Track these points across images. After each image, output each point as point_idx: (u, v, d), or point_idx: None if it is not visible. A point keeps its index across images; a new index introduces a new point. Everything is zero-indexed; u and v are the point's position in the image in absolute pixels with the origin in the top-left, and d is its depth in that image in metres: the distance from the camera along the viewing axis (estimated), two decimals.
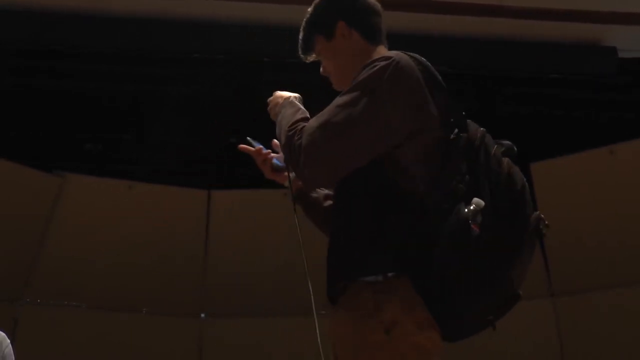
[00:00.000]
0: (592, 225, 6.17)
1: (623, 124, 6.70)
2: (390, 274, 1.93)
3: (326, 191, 2.41)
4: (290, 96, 2.30)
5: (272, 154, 2.45)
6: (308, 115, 2.17)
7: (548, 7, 5.72)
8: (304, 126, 2.05)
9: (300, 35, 2.36)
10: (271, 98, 2.37)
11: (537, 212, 2.02)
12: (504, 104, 6.83)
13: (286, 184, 2.40)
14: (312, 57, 2.37)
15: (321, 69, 2.35)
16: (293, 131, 2.07)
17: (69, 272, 6.15)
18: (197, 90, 6.42)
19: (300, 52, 2.38)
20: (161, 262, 6.22)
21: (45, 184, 6.18)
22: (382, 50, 2.26)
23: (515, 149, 2.12)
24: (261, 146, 2.45)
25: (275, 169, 2.41)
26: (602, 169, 6.16)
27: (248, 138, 2.48)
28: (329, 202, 2.37)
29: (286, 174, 2.40)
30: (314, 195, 2.42)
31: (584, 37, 6.09)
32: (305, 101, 2.41)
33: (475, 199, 1.90)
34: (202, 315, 6.50)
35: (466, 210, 1.88)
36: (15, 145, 6.60)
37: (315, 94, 2.39)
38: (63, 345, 6.00)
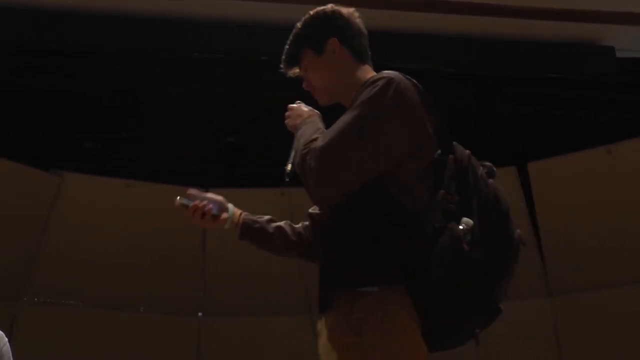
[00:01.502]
0: (590, 224, 6.18)
1: (621, 124, 6.71)
2: (386, 286, 2.02)
3: (267, 217, 2.56)
4: (313, 114, 2.35)
5: (209, 204, 2.50)
6: None
7: (547, 6, 5.72)
8: (316, 147, 2.10)
9: (287, 48, 2.40)
10: (293, 107, 2.40)
11: (518, 231, 2.12)
12: (503, 103, 6.83)
13: (227, 226, 2.51)
14: (294, 71, 2.41)
15: (304, 84, 2.39)
16: (307, 150, 2.13)
17: (68, 271, 6.16)
18: (196, 90, 6.42)
19: (283, 65, 2.42)
20: (159, 261, 6.22)
21: (43, 183, 6.19)
22: (369, 70, 2.34)
23: (495, 169, 2.25)
24: (196, 201, 2.50)
25: (215, 216, 2.49)
26: (600, 168, 6.17)
27: (178, 198, 2.54)
28: (273, 225, 2.54)
29: (224, 216, 2.49)
30: (256, 226, 2.55)
31: (583, 36, 6.09)
32: (305, 100, 2.45)
33: (465, 219, 2.02)
34: (200, 314, 6.51)
35: (459, 228, 2.00)
36: (14, 144, 6.60)
37: (310, 93, 2.39)
38: (62, 344, 6.01)
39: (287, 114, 2.39)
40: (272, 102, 6.53)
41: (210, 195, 2.54)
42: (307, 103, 2.43)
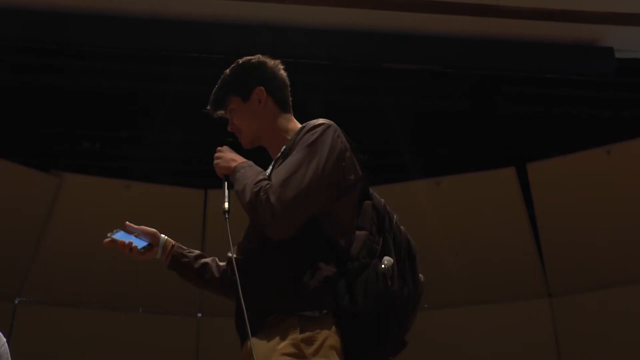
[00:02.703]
0: (589, 225, 6.18)
1: (620, 124, 6.71)
2: (324, 311, 2.22)
3: (197, 252, 2.79)
4: (246, 160, 2.49)
5: (133, 242, 2.71)
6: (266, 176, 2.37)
7: (545, 7, 5.72)
8: (268, 184, 2.27)
9: (214, 92, 2.60)
10: (222, 150, 2.54)
11: (421, 275, 2.39)
12: (502, 103, 6.83)
13: (158, 256, 2.76)
14: (220, 113, 2.60)
15: (230, 126, 2.59)
16: (258, 188, 2.28)
17: (66, 271, 6.16)
18: (196, 90, 6.40)
19: (209, 106, 2.62)
20: (158, 261, 6.21)
21: (42, 183, 6.18)
22: (292, 119, 2.54)
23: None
24: (123, 239, 2.72)
25: (145, 250, 2.72)
26: (599, 169, 6.17)
27: (109, 234, 2.75)
28: (200, 262, 2.77)
29: (155, 249, 2.75)
30: (184, 260, 2.78)
31: (582, 37, 6.09)
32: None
33: (387, 257, 2.27)
34: (199, 314, 6.50)
35: (382, 266, 2.23)
36: (13, 144, 6.59)
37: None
38: (60, 344, 6.00)
39: (216, 155, 2.54)
40: None
41: (142, 227, 2.77)
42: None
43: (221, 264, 2.76)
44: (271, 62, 2.58)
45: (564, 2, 5.71)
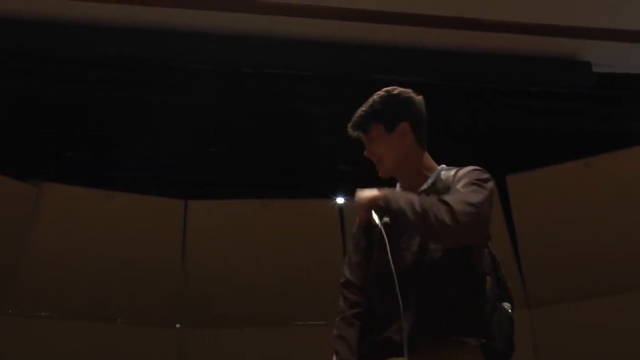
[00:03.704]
0: (568, 237, 6.23)
1: (598, 137, 6.78)
2: (481, 337, 2.40)
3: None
4: (387, 189, 2.58)
5: None
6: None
7: (525, 21, 5.78)
8: (444, 200, 2.38)
9: (359, 114, 2.64)
10: (360, 194, 2.59)
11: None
12: (482, 116, 6.88)
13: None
14: (357, 134, 2.66)
15: (368, 152, 2.66)
16: (430, 203, 2.38)
17: (46, 283, 6.11)
18: (178, 100, 6.41)
19: (351, 126, 2.66)
20: (138, 273, 6.19)
21: (22, 193, 6.14)
22: (429, 158, 2.67)
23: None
24: None
25: None
26: (577, 181, 6.23)
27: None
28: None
29: None
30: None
31: (560, 51, 6.16)
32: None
33: (506, 303, 2.51)
34: (178, 325, 6.48)
35: (509, 310, 2.50)
36: None
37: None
38: (40, 356, 5.95)
39: (357, 200, 2.58)
40: (254, 113, 6.60)
41: None
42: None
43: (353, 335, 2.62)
44: (418, 99, 2.66)
45: (543, 16, 5.77)
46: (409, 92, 2.67)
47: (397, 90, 2.65)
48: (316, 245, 6.36)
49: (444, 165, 2.65)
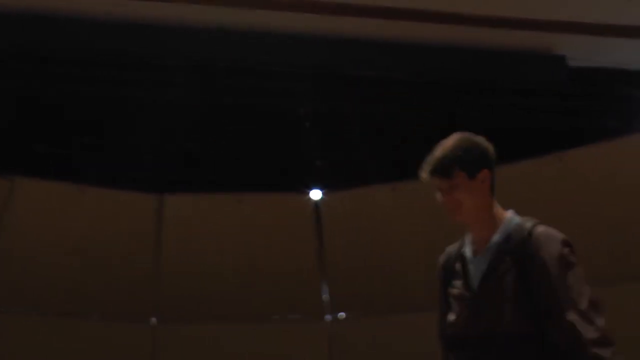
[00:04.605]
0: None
1: (572, 132, 6.81)
2: None
3: None
4: None
5: None
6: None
7: (498, 14, 5.77)
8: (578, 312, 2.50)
9: (440, 160, 2.71)
10: None
11: None
12: (455, 111, 6.89)
13: None
14: (435, 179, 2.70)
15: (447, 198, 2.70)
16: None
17: (18, 278, 6.05)
18: (153, 94, 6.37)
19: (431, 170, 2.70)
20: (113, 267, 6.15)
21: None
22: (497, 205, 2.77)
23: None
24: None
25: None
26: (552, 175, 6.27)
27: None
28: None
29: None
30: None
31: (535, 45, 6.17)
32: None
33: None
34: (153, 319, 6.45)
35: None
36: None
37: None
38: (10, 352, 5.89)
39: None
40: (230, 109, 6.56)
41: None
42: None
43: None
44: (491, 147, 2.77)
45: (517, 10, 5.77)
46: (482, 139, 2.78)
47: (478, 137, 2.78)
48: (291, 240, 6.35)
49: (511, 212, 2.78)
